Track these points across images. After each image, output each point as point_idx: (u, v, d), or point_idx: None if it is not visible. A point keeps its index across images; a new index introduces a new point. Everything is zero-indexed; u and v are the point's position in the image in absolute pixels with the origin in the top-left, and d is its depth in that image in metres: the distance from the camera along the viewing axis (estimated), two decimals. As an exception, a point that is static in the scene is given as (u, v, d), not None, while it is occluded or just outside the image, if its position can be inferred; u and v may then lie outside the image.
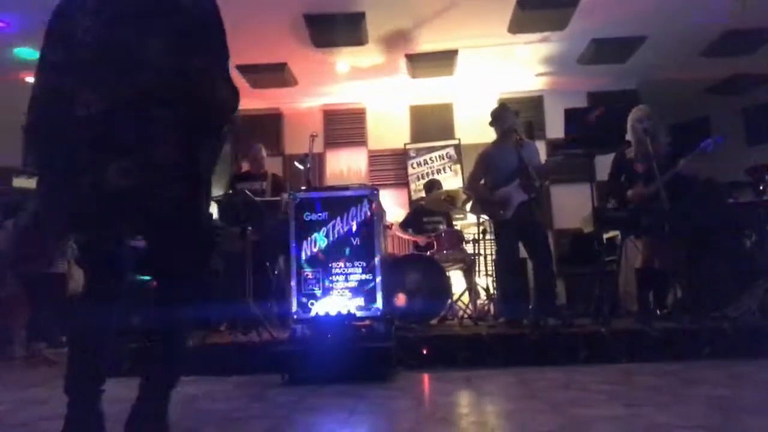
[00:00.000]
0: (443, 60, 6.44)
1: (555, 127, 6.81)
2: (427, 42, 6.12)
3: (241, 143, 6.45)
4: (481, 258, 5.53)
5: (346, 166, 7.58)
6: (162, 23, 1.66)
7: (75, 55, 1.65)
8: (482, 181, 4.67)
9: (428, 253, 5.23)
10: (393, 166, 7.58)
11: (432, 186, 6.01)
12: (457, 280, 5.36)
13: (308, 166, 4.39)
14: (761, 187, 4.71)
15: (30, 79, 6.37)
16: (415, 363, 3.49)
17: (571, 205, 6.79)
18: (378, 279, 3.51)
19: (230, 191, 4.88)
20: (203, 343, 3.67)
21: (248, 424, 2.15)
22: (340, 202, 3.60)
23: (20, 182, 7.24)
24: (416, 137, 7.55)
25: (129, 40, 1.63)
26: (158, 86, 1.62)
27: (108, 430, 1.69)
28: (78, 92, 1.61)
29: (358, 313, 3.44)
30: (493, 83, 7.22)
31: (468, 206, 5.46)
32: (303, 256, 3.55)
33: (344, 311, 3.38)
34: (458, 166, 7.27)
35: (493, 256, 5.30)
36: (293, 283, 3.54)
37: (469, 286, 5.23)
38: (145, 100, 1.61)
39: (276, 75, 6.56)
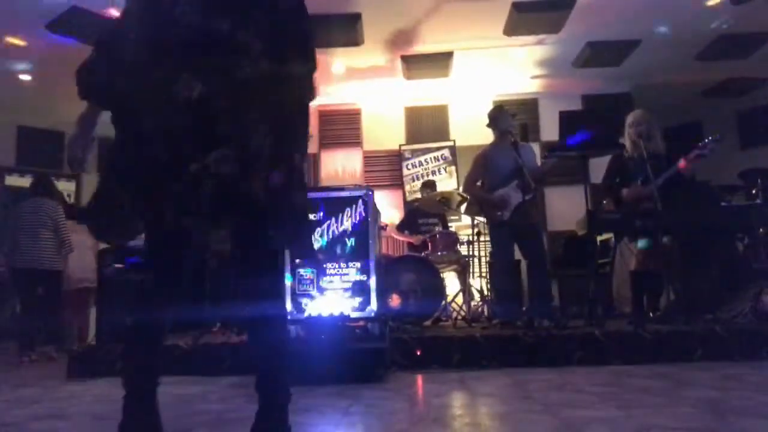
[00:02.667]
0: (439, 62, 6.46)
1: (550, 130, 6.83)
2: (423, 43, 6.13)
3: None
4: (476, 260, 5.54)
5: (341, 166, 7.57)
6: (256, 17, 1.64)
7: (169, 35, 1.60)
8: (479, 183, 4.68)
9: (423, 254, 5.24)
10: (388, 167, 7.58)
11: (428, 187, 6.02)
12: (451, 281, 5.37)
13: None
14: (754, 191, 4.75)
15: (24, 77, 6.33)
16: (409, 364, 3.50)
17: (565, 208, 6.82)
18: (373, 280, 3.51)
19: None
20: (196, 343, 3.66)
21: (242, 424, 2.13)
22: (335, 203, 3.59)
23: (12, 180, 7.22)
24: (411, 138, 7.56)
25: (225, 31, 1.59)
26: (255, 81, 1.60)
27: (102, 429, 1.67)
28: (178, 74, 1.56)
29: (353, 314, 3.44)
30: (488, 85, 7.24)
31: (463, 207, 5.47)
32: (297, 257, 3.54)
33: (339, 312, 3.38)
34: (453, 168, 7.28)
35: (488, 258, 5.31)
36: (288, 284, 3.53)
37: (464, 288, 5.23)
38: (243, 92, 1.59)
39: (271, 75, 6.55)
